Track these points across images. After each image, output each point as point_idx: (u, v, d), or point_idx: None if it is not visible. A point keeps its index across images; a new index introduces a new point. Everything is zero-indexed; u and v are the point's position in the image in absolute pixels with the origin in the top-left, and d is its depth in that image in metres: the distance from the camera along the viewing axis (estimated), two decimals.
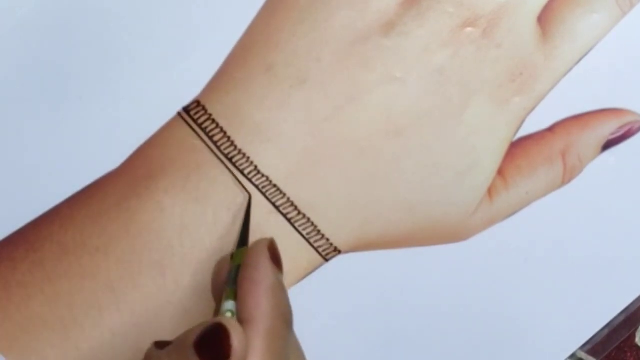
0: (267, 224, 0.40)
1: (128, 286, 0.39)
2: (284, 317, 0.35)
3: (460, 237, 0.43)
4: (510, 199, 0.42)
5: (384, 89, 0.39)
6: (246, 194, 0.39)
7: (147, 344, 0.39)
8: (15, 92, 0.39)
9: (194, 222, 0.39)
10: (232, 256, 0.38)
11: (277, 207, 0.40)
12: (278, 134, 0.39)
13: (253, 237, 0.39)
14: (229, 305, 0.35)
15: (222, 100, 0.39)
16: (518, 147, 0.41)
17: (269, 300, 0.35)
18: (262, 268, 0.36)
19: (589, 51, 0.40)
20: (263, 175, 0.39)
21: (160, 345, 0.35)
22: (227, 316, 0.35)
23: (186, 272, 0.39)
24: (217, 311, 0.36)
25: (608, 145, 0.42)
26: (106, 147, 0.39)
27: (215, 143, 0.39)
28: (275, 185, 0.40)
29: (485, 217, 0.42)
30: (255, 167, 0.39)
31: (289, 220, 0.40)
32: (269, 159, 0.39)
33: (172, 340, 0.34)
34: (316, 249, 0.41)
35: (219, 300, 0.37)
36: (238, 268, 0.36)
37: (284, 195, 0.40)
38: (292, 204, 0.40)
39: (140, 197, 0.39)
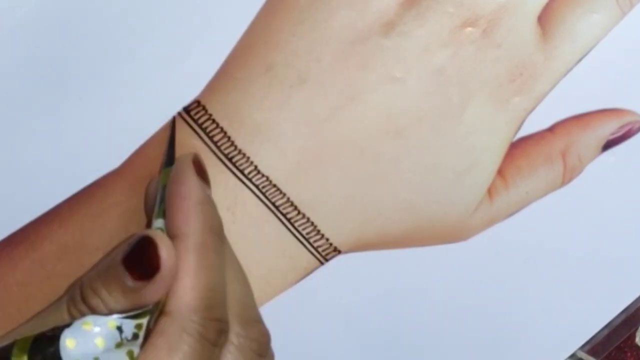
0: (266, 223, 0.40)
1: None
2: (214, 229, 0.34)
3: (460, 237, 0.42)
4: (510, 199, 0.42)
5: (383, 89, 0.39)
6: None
7: None
8: (16, 92, 0.39)
9: None
10: (160, 176, 0.36)
11: (276, 207, 0.40)
12: (278, 134, 0.39)
13: None
14: (158, 223, 0.34)
15: (222, 101, 0.39)
16: (518, 147, 0.41)
17: (197, 214, 0.33)
18: (188, 182, 0.34)
19: (589, 51, 0.40)
20: (263, 175, 0.39)
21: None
22: None
23: None
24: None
25: (608, 145, 0.42)
26: (106, 147, 0.39)
27: (215, 143, 0.39)
28: (275, 185, 0.40)
29: (485, 217, 0.42)
30: (255, 167, 0.39)
31: (288, 220, 0.40)
32: (269, 159, 0.39)
33: (100, 260, 0.33)
34: (316, 249, 0.41)
35: (150, 218, 0.36)
36: (164, 187, 0.35)
37: (284, 195, 0.40)
38: (292, 204, 0.40)
39: (140, 196, 0.39)
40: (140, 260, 0.32)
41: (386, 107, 0.39)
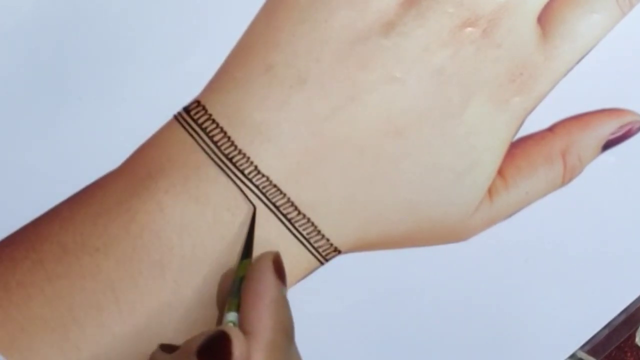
0: (266, 223, 0.40)
1: (128, 286, 0.39)
2: (286, 330, 0.35)
3: (460, 237, 0.43)
4: (510, 199, 0.42)
5: (383, 89, 0.39)
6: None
7: (147, 344, 0.39)
8: (15, 92, 0.39)
9: (194, 222, 0.39)
10: (237, 267, 0.38)
11: (277, 207, 0.40)
12: (278, 134, 0.39)
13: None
14: (231, 316, 0.35)
15: (222, 101, 0.39)
16: (518, 147, 0.41)
17: (271, 313, 0.35)
18: (266, 281, 0.36)
19: (589, 51, 0.40)
20: (263, 176, 0.39)
21: (165, 348, 0.36)
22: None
23: (186, 272, 0.39)
24: (220, 322, 0.37)
25: (608, 145, 0.42)
26: (106, 147, 0.39)
27: (215, 143, 0.39)
28: (275, 186, 0.40)
29: (485, 217, 0.42)
30: (256, 167, 0.39)
31: (289, 220, 0.40)
32: (269, 159, 0.39)
33: (178, 346, 0.35)
34: (316, 249, 0.41)
35: (221, 311, 0.37)
36: (241, 280, 0.37)
37: (284, 195, 0.40)
38: (292, 204, 0.40)
39: (140, 197, 0.39)
40: (214, 353, 0.33)
41: (386, 107, 0.39)
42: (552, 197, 0.42)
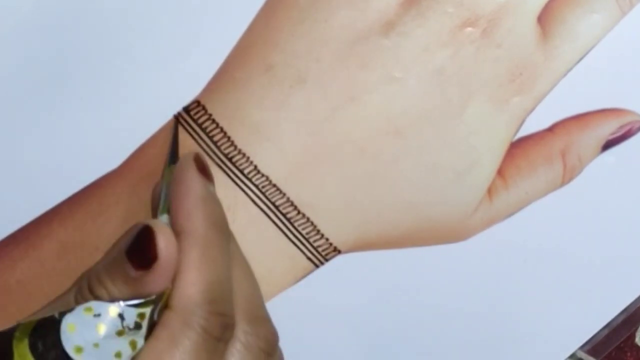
0: (266, 223, 0.40)
1: None
2: (217, 225, 0.34)
3: (460, 237, 0.42)
4: (510, 199, 0.42)
5: (383, 89, 0.39)
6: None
7: None
8: (16, 92, 0.39)
9: None
10: (163, 173, 0.37)
11: (276, 207, 0.40)
12: (278, 134, 0.39)
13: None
14: (163, 219, 0.34)
15: (222, 100, 0.39)
16: (518, 147, 0.41)
17: (199, 210, 0.33)
18: (190, 179, 0.34)
19: (589, 51, 0.40)
20: (263, 175, 0.39)
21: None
22: None
23: None
24: None
25: (608, 145, 0.42)
26: (106, 146, 0.39)
27: (215, 143, 0.39)
28: (274, 185, 0.40)
29: (485, 217, 0.42)
30: (255, 166, 0.39)
31: (288, 219, 0.40)
32: (268, 159, 0.39)
33: (107, 251, 0.33)
34: (316, 249, 0.41)
35: (155, 215, 0.36)
36: (168, 185, 0.35)
37: (284, 194, 0.40)
38: (292, 204, 0.40)
39: (140, 197, 0.39)
40: (142, 249, 0.32)
41: (386, 107, 0.39)
42: (552, 197, 0.42)
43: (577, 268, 0.44)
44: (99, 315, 0.31)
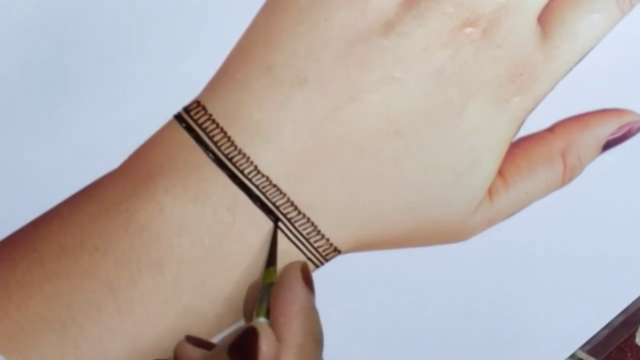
0: (266, 224, 0.40)
1: (127, 285, 0.39)
2: (315, 337, 0.36)
3: (460, 237, 0.43)
4: (510, 199, 0.42)
5: (383, 89, 0.39)
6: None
7: (145, 343, 0.39)
8: (16, 93, 0.39)
9: (194, 222, 0.39)
10: (263, 275, 0.38)
11: (276, 207, 0.40)
12: (278, 134, 0.39)
13: None
14: (261, 321, 0.36)
15: (222, 100, 0.39)
16: (518, 147, 0.41)
17: (300, 320, 0.36)
18: (296, 289, 0.37)
19: (589, 51, 0.40)
20: (263, 175, 0.39)
21: (192, 340, 0.37)
22: None
23: (185, 272, 0.39)
24: None
25: (608, 145, 0.42)
26: (106, 147, 0.39)
27: (215, 143, 0.39)
28: (275, 185, 0.40)
29: (485, 217, 0.42)
30: (255, 167, 0.39)
31: (288, 220, 0.40)
32: (268, 159, 0.39)
33: (205, 340, 0.36)
34: (316, 249, 0.41)
35: (250, 317, 0.37)
36: (269, 287, 0.37)
37: (284, 195, 0.40)
38: (292, 204, 0.40)
39: (139, 196, 0.39)
40: (244, 349, 0.34)
41: (386, 107, 0.39)
42: (552, 197, 0.42)
43: (577, 268, 0.44)
44: None
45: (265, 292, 0.37)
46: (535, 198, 0.42)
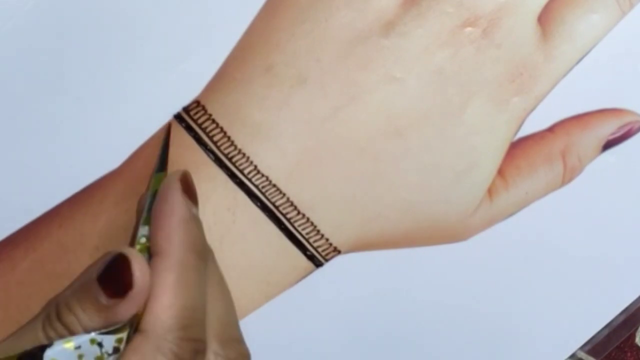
0: (266, 223, 0.40)
1: None
2: (196, 249, 0.34)
3: (460, 237, 0.42)
4: (510, 199, 0.42)
5: (383, 89, 0.39)
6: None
7: None
8: (15, 92, 0.39)
9: None
10: (150, 181, 0.37)
11: (276, 207, 0.40)
12: (278, 134, 0.39)
13: None
14: (144, 230, 0.35)
15: (222, 101, 0.39)
16: (518, 147, 0.41)
17: (179, 233, 0.34)
18: (173, 201, 0.35)
19: (589, 51, 0.40)
20: (263, 175, 0.39)
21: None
22: (142, 241, 0.35)
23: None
24: (134, 235, 0.36)
25: (608, 145, 0.42)
26: (106, 147, 0.39)
27: (215, 143, 0.39)
28: (274, 185, 0.40)
29: (485, 217, 0.42)
30: (255, 167, 0.39)
31: (288, 220, 0.40)
32: (268, 159, 0.39)
33: (76, 278, 0.34)
34: (316, 249, 0.41)
35: (137, 225, 0.36)
36: (154, 194, 0.36)
37: (284, 195, 0.40)
38: (292, 204, 0.40)
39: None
40: (115, 277, 0.32)
41: (386, 107, 0.39)
42: (552, 197, 0.42)
43: (577, 268, 0.44)
44: (79, 347, 0.32)
45: (151, 200, 0.36)
46: (535, 198, 0.42)
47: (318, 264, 0.41)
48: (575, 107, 0.41)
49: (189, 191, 0.35)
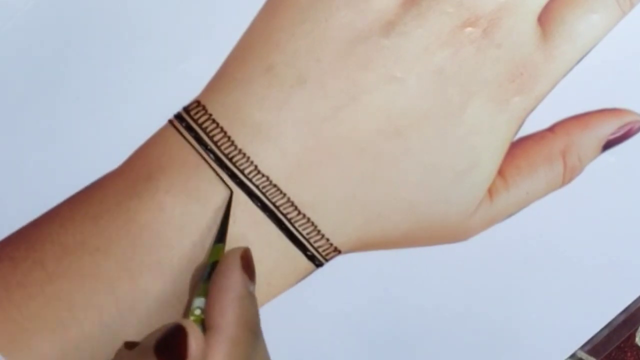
0: (266, 223, 0.40)
1: (128, 286, 0.39)
2: (249, 326, 0.36)
3: (460, 237, 0.43)
4: (511, 199, 0.42)
5: (384, 89, 0.39)
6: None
7: None
8: (14, 93, 0.39)
9: (194, 222, 0.39)
10: (209, 252, 0.38)
11: (277, 207, 0.40)
12: (278, 134, 0.39)
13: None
14: (199, 302, 0.36)
15: (223, 101, 0.39)
16: (518, 147, 0.41)
17: (234, 309, 0.35)
18: (232, 277, 0.36)
19: (589, 51, 0.40)
20: (263, 175, 0.39)
21: (128, 345, 0.36)
22: (197, 313, 0.36)
23: (186, 272, 0.39)
24: (189, 306, 0.37)
25: (608, 145, 0.42)
26: (106, 147, 0.39)
27: (215, 143, 0.39)
28: (275, 185, 0.40)
29: (486, 217, 0.42)
30: (256, 167, 0.39)
31: (288, 220, 0.40)
32: (269, 159, 0.39)
33: (140, 343, 0.35)
34: (316, 249, 0.41)
35: (192, 296, 0.37)
36: (213, 265, 0.37)
37: (284, 195, 0.40)
38: (292, 204, 0.40)
39: (140, 197, 0.39)
40: (171, 347, 0.34)
41: (386, 107, 0.39)
42: (553, 197, 0.42)
43: (577, 268, 0.44)
44: None
45: (209, 271, 0.37)
46: (536, 198, 0.42)
47: (318, 264, 0.41)
48: (576, 107, 0.41)
49: (248, 268, 0.37)
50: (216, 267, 0.37)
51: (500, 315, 0.44)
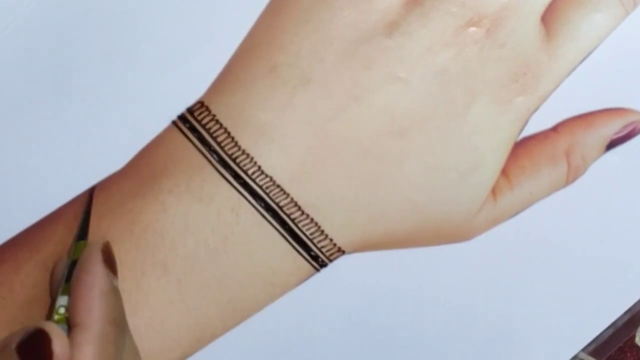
0: (270, 224, 0.40)
1: (131, 286, 0.39)
2: (116, 322, 0.35)
3: (464, 237, 0.42)
4: (514, 199, 0.42)
5: (387, 89, 0.39)
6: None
7: (149, 343, 0.39)
8: (19, 95, 0.38)
9: (198, 223, 0.39)
10: (70, 250, 0.38)
11: (280, 207, 0.40)
12: (282, 135, 0.39)
13: None
14: (63, 300, 0.35)
15: (226, 101, 0.39)
16: (522, 147, 0.41)
17: (100, 305, 0.35)
18: (95, 272, 0.36)
19: (593, 50, 0.40)
20: (267, 176, 0.39)
21: None
22: (61, 311, 0.35)
23: (189, 273, 0.39)
24: (52, 305, 0.36)
25: (612, 144, 0.42)
26: (110, 148, 0.39)
27: (219, 144, 0.39)
28: (278, 186, 0.40)
29: (489, 217, 0.42)
30: (259, 167, 0.39)
31: (292, 220, 0.40)
32: (272, 160, 0.39)
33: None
34: (320, 249, 0.41)
35: (55, 295, 0.37)
36: (74, 263, 0.36)
37: (288, 195, 0.40)
38: (296, 204, 0.40)
39: (144, 197, 0.39)
40: (34, 349, 0.33)
41: (390, 107, 0.39)
42: (556, 197, 0.42)
43: (580, 268, 0.44)
44: None
45: (71, 269, 0.36)
46: (539, 198, 0.42)
47: (322, 265, 0.41)
48: (579, 106, 0.41)
49: (110, 262, 0.36)
50: (77, 264, 0.36)
51: (504, 315, 0.44)
